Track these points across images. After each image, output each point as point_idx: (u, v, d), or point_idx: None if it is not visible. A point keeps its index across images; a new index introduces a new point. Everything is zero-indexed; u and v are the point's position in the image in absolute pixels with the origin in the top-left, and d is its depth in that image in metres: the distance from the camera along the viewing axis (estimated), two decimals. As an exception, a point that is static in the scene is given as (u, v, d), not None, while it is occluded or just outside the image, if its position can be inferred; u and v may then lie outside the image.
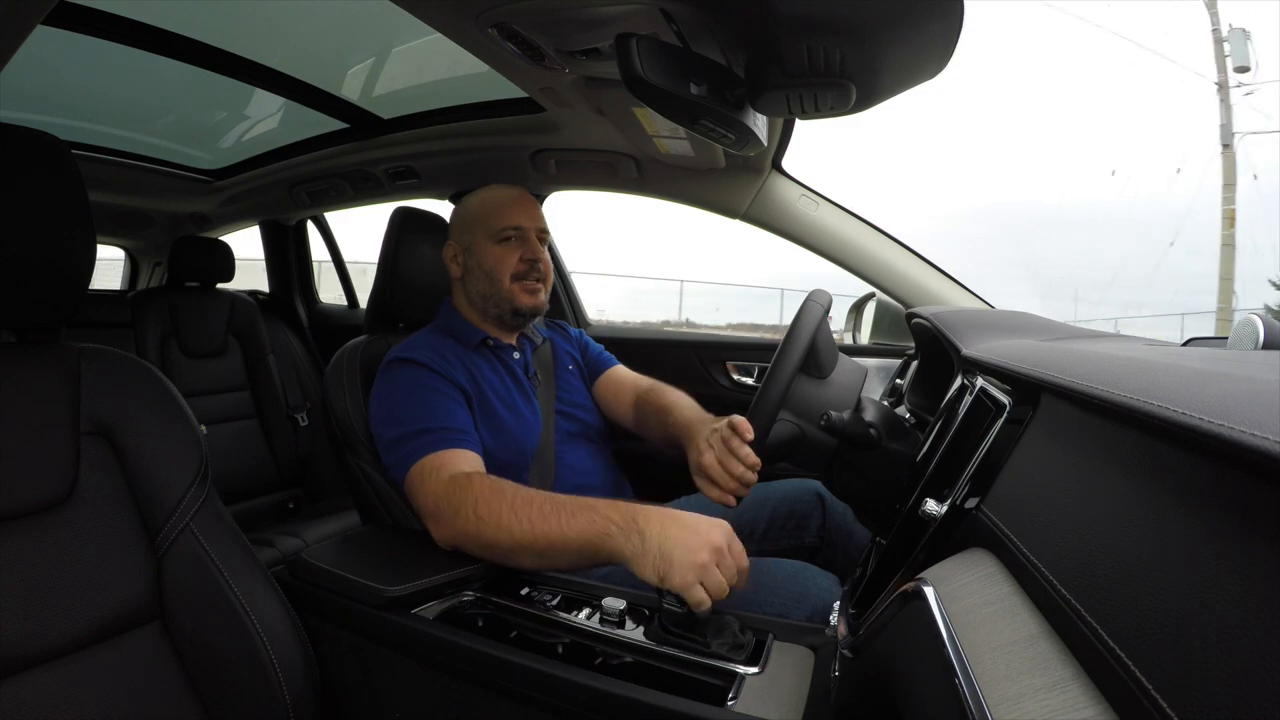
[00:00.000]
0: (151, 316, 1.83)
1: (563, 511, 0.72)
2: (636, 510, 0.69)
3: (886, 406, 0.80)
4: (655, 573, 0.65)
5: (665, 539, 0.65)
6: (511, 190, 1.07)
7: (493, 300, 1.03)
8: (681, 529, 0.66)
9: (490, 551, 0.76)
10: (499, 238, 1.02)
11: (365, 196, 1.90)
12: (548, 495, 0.75)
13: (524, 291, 1.02)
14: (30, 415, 0.62)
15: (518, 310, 1.03)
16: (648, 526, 0.67)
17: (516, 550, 0.74)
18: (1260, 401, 0.23)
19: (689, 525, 0.67)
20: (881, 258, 1.37)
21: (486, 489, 0.77)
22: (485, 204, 1.05)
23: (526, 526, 0.72)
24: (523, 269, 1.02)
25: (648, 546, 0.66)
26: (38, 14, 0.66)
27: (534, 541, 0.72)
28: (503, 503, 0.74)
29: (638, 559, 0.66)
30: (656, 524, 0.67)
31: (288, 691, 0.67)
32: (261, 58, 1.34)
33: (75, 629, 0.61)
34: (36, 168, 0.62)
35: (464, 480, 0.79)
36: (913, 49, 0.62)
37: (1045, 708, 0.26)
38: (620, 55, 0.67)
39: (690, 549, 0.64)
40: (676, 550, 0.64)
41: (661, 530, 0.66)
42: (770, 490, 1.08)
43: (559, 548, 0.72)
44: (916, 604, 0.39)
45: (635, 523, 0.68)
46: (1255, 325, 0.61)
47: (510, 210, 1.04)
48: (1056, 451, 0.39)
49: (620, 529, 0.68)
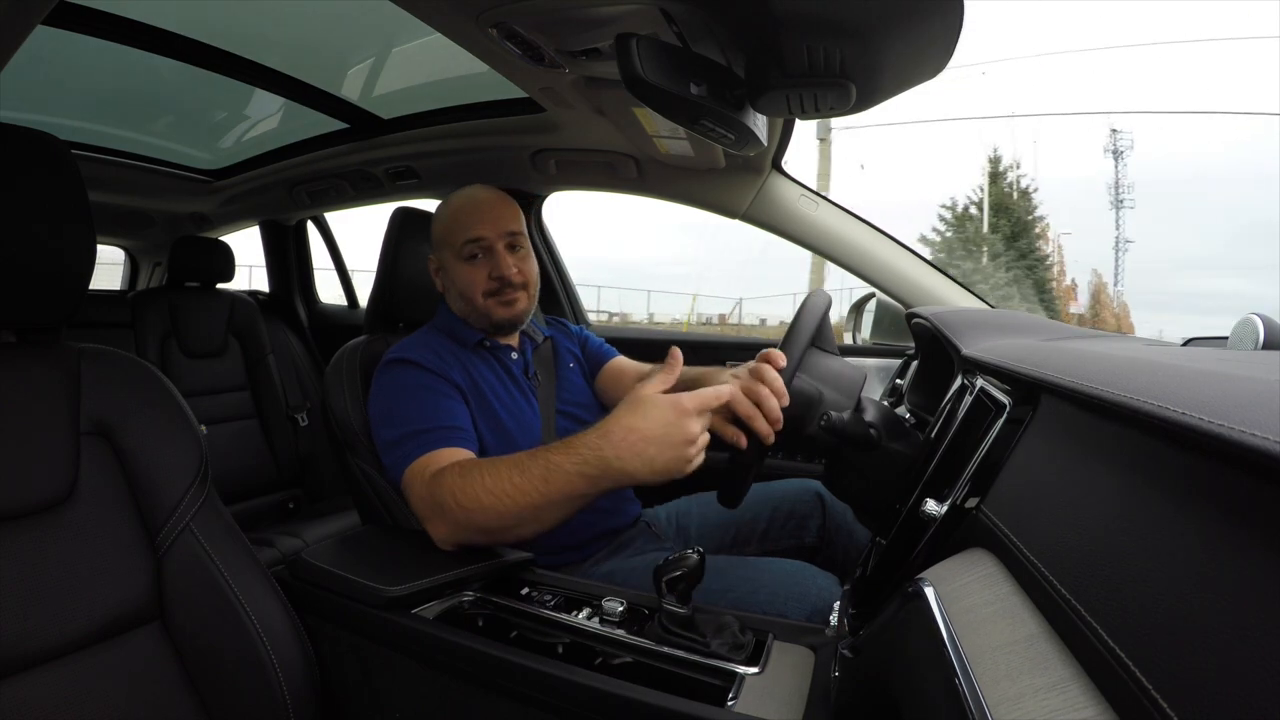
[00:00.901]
0: (151, 316, 1.83)
1: (534, 478, 0.70)
2: (598, 448, 0.67)
3: (886, 406, 0.80)
4: (654, 479, 0.66)
5: (643, 456, 0.66)
6: (474, 195, 1.02)
7: (471, 316, 1.02)
8: (655, 438, 0.66)
9: (488, 534, 0.76)
10: (464, 255, 0.99)
11: (365, 196, 1.90)
12: (513, 462, 0.73)
13: (499, 305, 1.00)
14: (30, 415, 0.62)
15: (496, 324, 1.01)
16: (618, 457, 0.66)
17: (509, 525, 0.73)
18: (1260, 401, 0.23)
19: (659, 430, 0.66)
20: (881, 258, 1.37)
21: (457, 476, 0.76)
22: (450, 216, 1.02)
23: (508, 502, 0.72)
24: (493, 286, 0.99)
25: (632, 470, 0.66)
26: (38, 14, 0.66)
27: (521, 512, 0.72)
28: (475, 486, 0.73)
29: (627, 481, 0.67)
30: (629, 453, 0.66)
31: (288, 691, 0.67)
32: (261, 58, 1.34)
33: (75, 629, 0.60)
34: (36, 168, 0.62)
35: (440, 476, 0.78)
36: (913, 48, 0.62)
37: (1045, 708, 0.26)
38: (620, 55, 0.67)
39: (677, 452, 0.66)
40: (663, 455, 0.65)
41: (635, 450, 0.66)
42: (770, 490, 1.08)
43: (549, 510, 0.71)
44: (916, 604, 0.39)
45: (605, 461, 0.67)
46: (1255, 325, 0.61)
47: (471, 221, 0.99)
48: (1056, 451, 0.39)
49: (597, 470, 0.67)
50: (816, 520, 1.04)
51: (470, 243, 0.99)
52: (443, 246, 1.02)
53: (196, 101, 1.59)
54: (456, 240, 1.00)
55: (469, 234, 0.99)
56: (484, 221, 0.99)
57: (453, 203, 1.03)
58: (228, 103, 1.60)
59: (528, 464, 0.72)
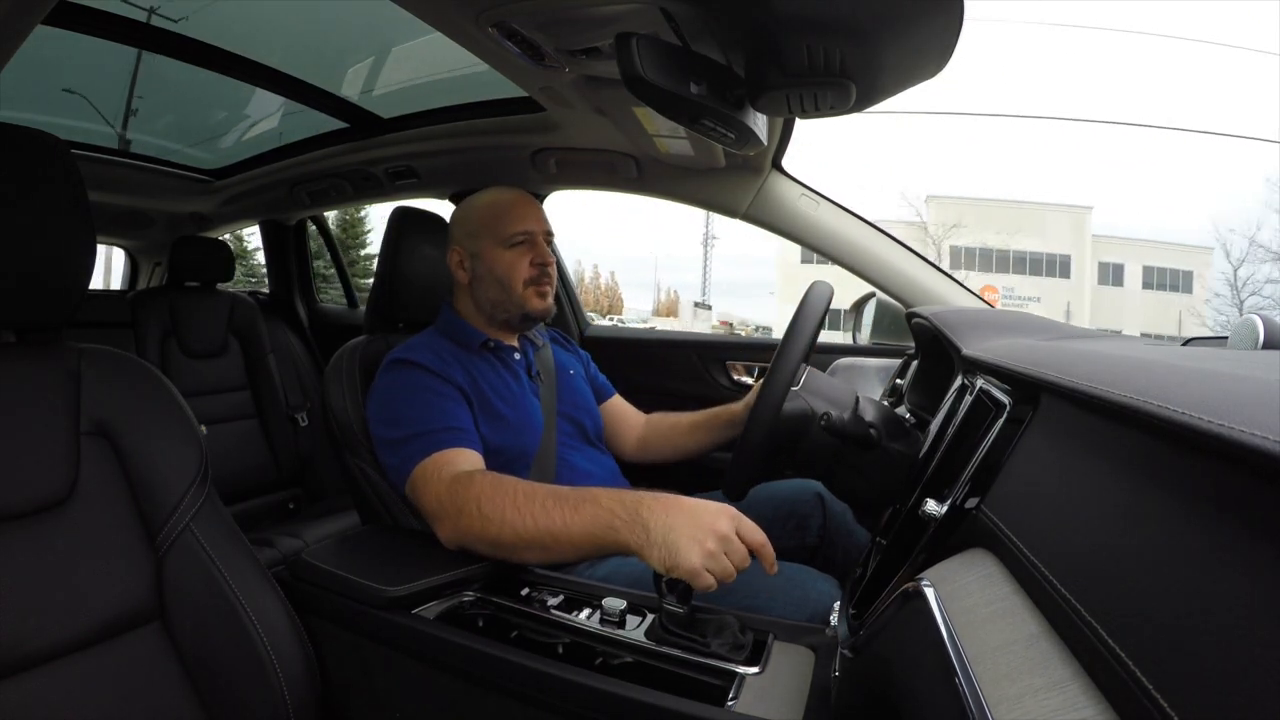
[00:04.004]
0: (151, 316, 1.83)
1: (566, 505, 0.72)
2: (640, 500, 0.69)
3: (886, 406, 0.80)
4: (662, 563, 0.65)
5: (669, 529, 0.65)
6: (515, 193, 1.07)
7: (503, 306, 1.03)
8: (685, 517, 0.66)
9: (496, 549, 0.76)
10: (510, 243, 1.02)
11: (365, 196, 1.90)
12: (550, 489, 0.75)
13: (536, 295, 1.02)
14: (30, 415, 0.62)
15: (528, 314, 1.03)
16: (651, 517, 0.67)
17: (521, 546, 0.74)
18: (1260, 401, 0.23)
19: (692, 512, 0.66)
20: (881, 257, 1.36)
21: (489, 485, 0.77)
22: (492, 209, 1.04)
23: (530, 522, 0.73)
24: (534, 273, 1.02)
25: (652, 537, 0.66)
26: (38, 14, 0.66)
27: (538, 536, 0.72)
28: (506, 499, 0.75)
29: (643, 550, 0.66)
30: (660, 513, 0.67)
31: (288, 691, 0.67)
32: (261, 57, 1.34)
33: (75, 629, 0.60)
34: (36, 168, 0.62)
35: (466, 479, 0.79)
36: (913, 47, 0.62)
37: (1045, 708, 0.26)
38: (620, 54, 0.67)
39: (695, 537, 0.64)
40: (682, 539, 0.64)
41: (665, 519, 0.66)
42: (770, 490, 1.08)
43: (564, 542, 0.72)
44: (917, 604, 0.39)
45: (639, 514, 0.67)
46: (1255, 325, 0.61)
47: (519, 215, 1.03)
48: (1056, 451, 0.39)
49: (624, 521, 0.68)
50: (817, 520, 1.04)
51: (518, 233, 1.02)
52: (481, 236, 1.03)
53: (197, 101, 1.60)
54: (503, 230, 1.02)
55: (518, 225, 1.02)
56: (530, 217, 1.04)
57: (490, 197, 1.06)
58: (228, 103, 1.60)
59: (565, 492, 0.74)
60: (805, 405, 0.76)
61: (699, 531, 0.64)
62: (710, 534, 0.64)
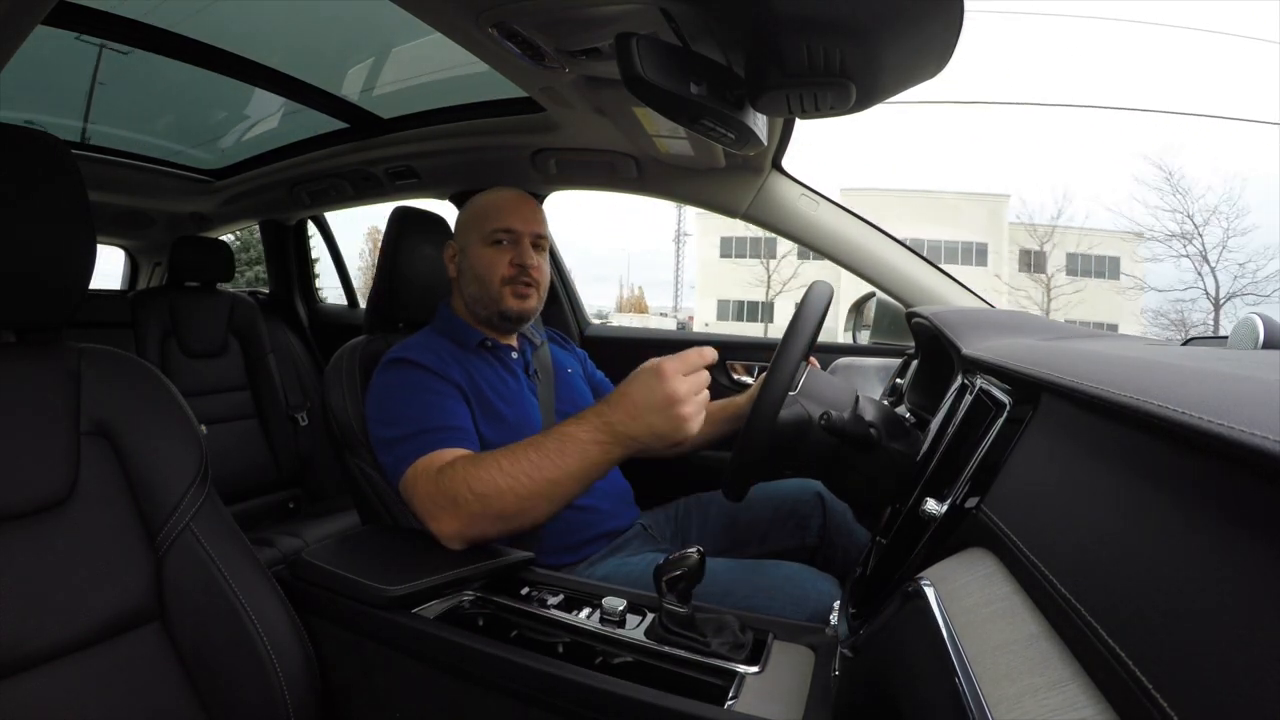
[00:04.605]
0: (151, 316, 1.83)
1: (549, 452, 0.74)
2: (603, 418, 0.73)
3: (886, 406, 0.80)
4: (667, 449, 0.73)
5: (649, 425, 0.71)
6: (511, 193, 1.07)
7: (481, 303, 1.03)
8: (647, 404, 0.71)
9: (505, 521, 0.76)
10: (490, 240, 1.02)
11: (365, 196, 1.90)
12: (525, 443, 0.77)
13: (513, 295, 1.01)
14: (30, 415, 0.62)
15: (504, 314, 1.02)
16: (627, 425, 0.72)
17: (528, 507, 0.75)
18: (1260, 401, 0.23)
19: (648, 396, 0.71)
20: (881, 257, 1.36)
21: (470, 465, 0.78)
22: (483, 206, 1.05)
23: (526, 480, 0.74)
24: (512, 273, 1.01)
25: (642, 439, 0.72)
26: (38, 14, 0.66)
27: (539, 488, 0.74)
28: (491, 470, 0.76)
29: (645, 451, 0.73)
30: (629, 418, 0.72)
31: (288, 691, 0.67)
32: (261, 58, 1.34)
33: (75, 629, 0.60)
34: (36, 168, 0.62)
35: (448, 469, 0.79)
36: (913, 47, 0.62)
37: (1045, 707, 0.26)
38: (620, 55, 0.67)
39: (669, 411, 0.70)
40: (663, 423, 0.70)
41: (638, 419, 0.71)
42: (770, 490, 1.08)
43: (565, 484, 0.75)
44: (916, 604, 0.39)
45: (615, 430, 0.73)
46: (1255, 325, 0.61)
47: (505, 213, 1.03)
48: (1056, 451, 0.39)
49: (610, 441, 0.73)
50: (817, 520, 1.04)
51: (500, 230, 1.02)
52: (468, 231, 1.04)
53: (196, 101, 1.60)
54: (486, 226, 1.02)
55: (501, 223, 1.02)
56: (517, 216, 1.03)
57: (487, 195, 1.07)
58: (228, 103, 1.60)
59: (541, 440, 0.76)
60: (803, 408, 0.76)
61: (667, 404, 0.70)
62: (674, 399, 0.70)
